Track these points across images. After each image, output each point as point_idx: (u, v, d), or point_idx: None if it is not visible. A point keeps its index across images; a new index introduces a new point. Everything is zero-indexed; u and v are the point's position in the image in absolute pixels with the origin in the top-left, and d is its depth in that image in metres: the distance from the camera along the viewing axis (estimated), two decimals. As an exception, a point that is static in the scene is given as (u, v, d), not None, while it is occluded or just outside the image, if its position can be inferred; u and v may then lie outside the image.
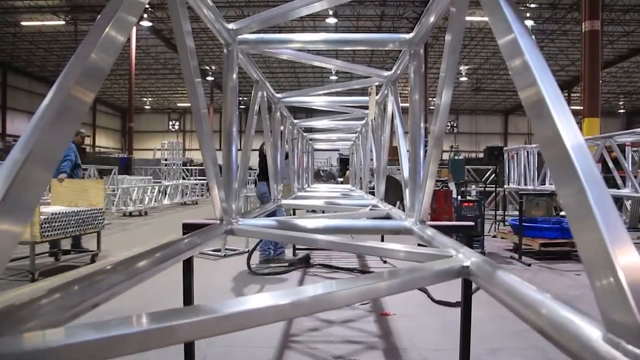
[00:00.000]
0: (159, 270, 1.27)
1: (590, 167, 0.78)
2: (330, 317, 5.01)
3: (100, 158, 29.16)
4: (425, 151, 2.13)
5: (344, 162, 20.04)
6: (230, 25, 2.00)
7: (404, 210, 2.58)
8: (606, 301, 0.68)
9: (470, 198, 8.65)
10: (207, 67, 32.69)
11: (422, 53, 2.11)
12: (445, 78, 1.56)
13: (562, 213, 11.81)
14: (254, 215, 2.79)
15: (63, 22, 24.29)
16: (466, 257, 1.25)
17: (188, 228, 2.56)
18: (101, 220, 7.39)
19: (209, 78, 33.90)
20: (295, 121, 5.09)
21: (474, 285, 5.73)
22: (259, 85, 2.92)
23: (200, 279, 3.58)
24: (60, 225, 6.42)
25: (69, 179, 7.54)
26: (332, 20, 24.18)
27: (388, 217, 2.91)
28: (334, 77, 32.57)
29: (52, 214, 6.31)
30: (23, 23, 24.49)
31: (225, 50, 2.09)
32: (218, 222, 2.03)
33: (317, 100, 3.87)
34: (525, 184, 9.30)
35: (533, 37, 1.05)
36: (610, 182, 9.52)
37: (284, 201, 3.74)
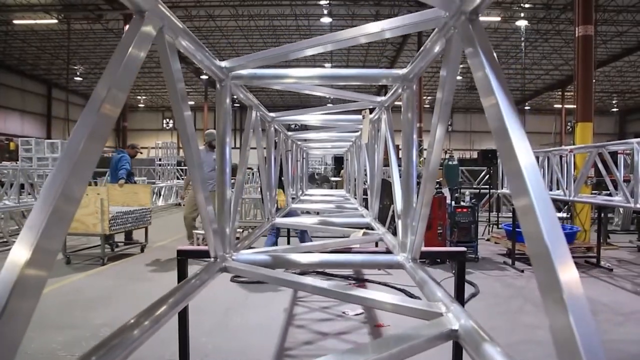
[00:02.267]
0: (155, 330, 1.29)
1: (539, 185, 0.97)
2: (323, 329, 5.03)
3: (94, 157, 28.93)
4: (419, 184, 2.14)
5: (339, 161, 20.02)
6: (223, 63, 2.00)
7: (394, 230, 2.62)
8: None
9: (464, 204, 8.68)
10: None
11: (415, 88, 2.12)
12: (440, 114, 1.57)
13: (557, 215, 11.89)
14: (250, 242, 2.80)
15: (56, 21, 24.08)
16: (455, 317, 1.26)
17: (183, 254, 2.58)
18: (149, 218, 9.21)
19: (203, 77, 33.76)
20: (290, 133, 5.09)
21: (467, 294, 5.69)
22: (252, 108, 2.92)
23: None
24: (122, 221, 8.25)
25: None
26: (326, 20, 24.15)
27: (381, 239, 2.93)
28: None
29: (117, 212, 8.10)
30: (15, 21, 24.26)
31: (217, 85, 2.10)
32: (212, 259, 2.04)
33: (310, 118, 3.87)
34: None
35: (505, 82, 1.15)
36: (603, 185, 9.62)
37: (278, 220, 3.75)
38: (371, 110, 3.33)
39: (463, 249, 2.62)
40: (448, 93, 1.44)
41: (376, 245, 2.98)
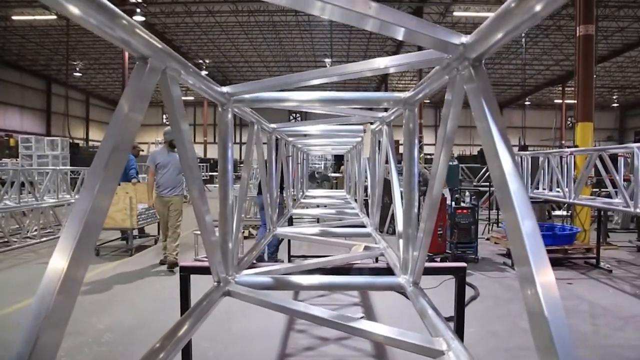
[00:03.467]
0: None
1: (523, 196, 1.06)
2: (324, 334, 5.06)
3: (94, 154, 28.91)
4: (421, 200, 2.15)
5: (339, 157, 20.01)
6: (225, 89, 2.01)
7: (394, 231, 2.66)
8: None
9: (464, 205, 8.70)
10: (201, 61, 32.46)
11: (416, 111, 2.13)
12: (442, 150, 1.57)
13: (556, 212, 11.92)
14: (255, 255, 2.81)
15: (54, 17, 23.97)
16: (456, 356, 1.28)
17: (185, 270, 2.60)
18: None
19: (204, 72, 33.60)
20: (290, 139, 5.10)
21: (467, 297, 5.75)
22: (254, 123, 2.93)
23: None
24: (145, 216, 9.46)
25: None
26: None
27: (382, 254, 2.94)
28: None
29: (142, 208, 9.16)
30: (14, 17, 24.15)
31: (220, 109, 2.11)
32: (215, 284, 2.05)
33: (311, 129, 3.88)
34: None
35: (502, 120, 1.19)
36: (603, 184, 9.63)
37: (279, 229, 3.76)
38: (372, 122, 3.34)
39: (464, 264, 2.63)
40: (451, 129, 1.44)
41: (376, 260, 3.00)
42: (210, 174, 29.09)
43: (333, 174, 16.61)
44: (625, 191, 6.35)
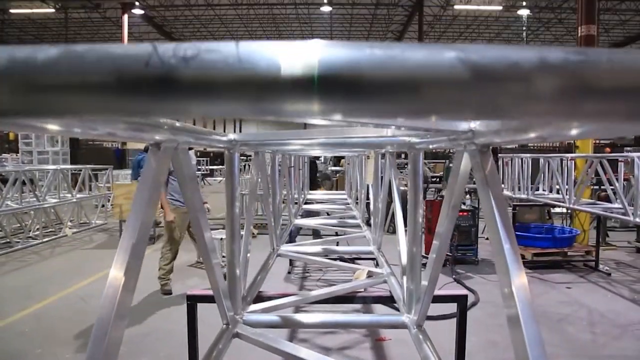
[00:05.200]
0: None
1: (508, 226, 1.20)
2: (327, 344, 5.12)
3: (94, 150, 28.96)
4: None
5: (339, 152, 20.00)
6: (232, 136, 2.04)
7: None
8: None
9: (464, 207, 8.74)
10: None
11: (422, 154, 2.15)
12: (447, 215, 1.61)
13: (556, 210, 11.96)
14: (260, 283, 2.86)
15: (53, 10, 23.81)
16: None
17: (192, 299, 2.64)
18: None
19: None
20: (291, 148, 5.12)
21: (468, 302, 5.75)
22: (258, 152, 2.96)
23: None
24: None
25: None
26: (326, 9, 23.90)
27: (385, 282, 2.99)
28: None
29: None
30: (12, 10, 23.99)
31: (226, 152, 2.14)
32: (223, 326, 2.10)
33: (313, 152, 3.91)
34: (519, 190, 9.42)
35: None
36: (602, 183, 9.66)
37: (283, 248, 3.81)
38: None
39: (465, 292, 2.69)
40: (457, 197, 1.48)
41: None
42: (210, 167, 29.19)
43: (334, 167, 16.59)
44: (624, 198, 6.38)
